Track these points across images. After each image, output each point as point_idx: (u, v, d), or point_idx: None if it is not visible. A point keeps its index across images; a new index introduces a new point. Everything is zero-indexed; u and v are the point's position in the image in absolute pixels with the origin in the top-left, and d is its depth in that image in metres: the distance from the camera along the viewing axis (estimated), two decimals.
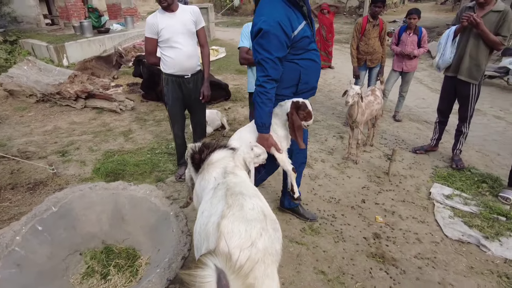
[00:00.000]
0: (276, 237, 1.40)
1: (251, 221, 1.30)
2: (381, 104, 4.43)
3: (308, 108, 2.47)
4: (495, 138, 5.26)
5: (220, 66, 9.76)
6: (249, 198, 1.45)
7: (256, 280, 1.14)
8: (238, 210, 1.36)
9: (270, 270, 1.22)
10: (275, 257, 1.32)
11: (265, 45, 2.21)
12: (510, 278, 2.58)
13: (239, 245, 1.18)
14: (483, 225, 3.16)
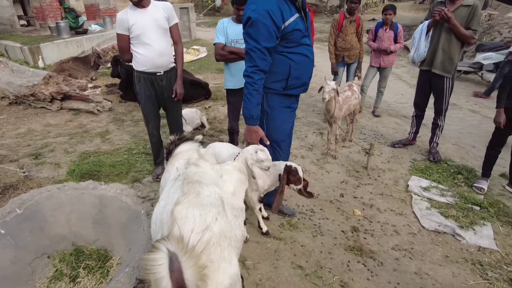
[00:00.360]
0: (237, 224, 1.40)
1: (207, 206, 1.29)
2: (359, 99, 4.46)
3: (299, 174, 2.51)
4: (470, 131, 5.38)
5: (201, 66, 9.68)
6: (206, 186, 1.43)
7: (212, 263, 1.13)
8: (193, 197, 1.34)
9: (227, 253, 1.20)
10: (234, 242, 1.30)
11: (253, 34, 2.16)
12: (484, 265, 2.62)
13: (193, 229, 1.17)
14: (458, 215, 3.21)
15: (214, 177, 1.68)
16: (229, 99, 3.81)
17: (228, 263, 1.19)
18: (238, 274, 1.25)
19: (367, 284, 2.39)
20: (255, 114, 2.34)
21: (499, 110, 3.36)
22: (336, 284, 2.37)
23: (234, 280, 1.20)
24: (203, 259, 1.09)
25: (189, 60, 10.37)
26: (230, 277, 1.18)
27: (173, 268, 1.00)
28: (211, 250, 1.15)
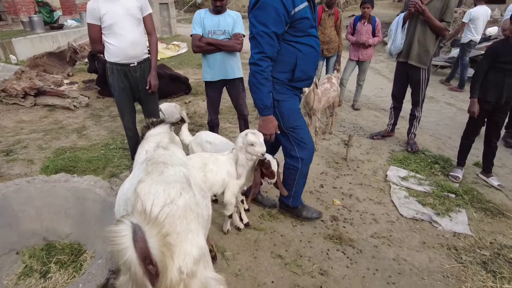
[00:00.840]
0: (204, 204, 1.40)
1: (171, 183, 1.28)
2: (338, 92, 4.49)
3: (272, 168, 2.42)
4: (446, 123, 5.51)
5: (181, 61, 9.57)
6: (171, 166, 1.42)
7: (179, 235, 1.13)
8: (157, 175, 1.33)
9: (194, 226, 1.20)
10: (201, 220, 1.29)
11: (261, 17, 2.04)
12: (458, 249, 2.68)
13: (157, 202, 1.16)
14: (435, 202, 3.27)
15: (182, 159, 1.65)
16: (207, 92, 3.76)
17: (195, 235, 1.19)
18: (206, 247, 1.24)
19: (346, 271, 2.40)
20: (269, 103, 2.22)
21: (473, 100, 3.45)
22: (315, 272, 2.37)
23: (202, 252, 1.19)
24: (167, 228, 1.07)
25: (169, 56, 10.23)
26: (198, 248, 1.17)
27: (137, 238, 0.98)
28: (176, 223, 1.15)
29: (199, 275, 1.14)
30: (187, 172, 1.44)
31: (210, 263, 1.26)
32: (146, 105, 3.53)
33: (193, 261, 1.12)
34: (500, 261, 2.55)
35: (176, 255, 1.08)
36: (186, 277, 1.09)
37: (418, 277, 2.38)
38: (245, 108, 3.89)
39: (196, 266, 1.13)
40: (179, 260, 1.09)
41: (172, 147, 1.77)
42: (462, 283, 2.36)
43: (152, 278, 1.03)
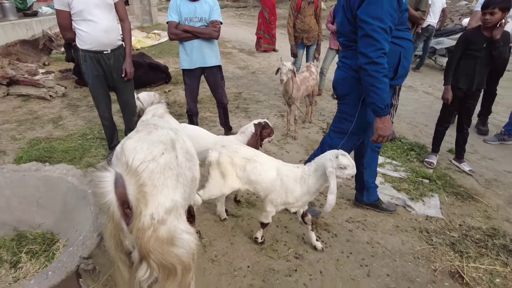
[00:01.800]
0: (188, 166, 1.55)
1: (155, 142, 1.42)
2: (317, 80, 4.52)
3: (270, 125, 2.83)
4: (424, 111, 5.63)
5: (162, 50, 9.42)
6: (161, 129, 1.57)
7: (156, 188, 1.28)
8: (145, 134, 1.49)
9: (171, 183, 1.35)
10: (182, 179, 1.44)
11: (375, 12, 1.88)
12: (429, 232, 2.77)
13: (139, 158, 1.30)
14: (409, 188, 3.36)
15: (173, 125, 1.78)
16: (185, 80, 3.72)
17: (170, 190, 1.33)
18: (181, 203, 1.39)
19: (320, 255, 2.45)
20: (389, 101, 2.10)
21: (446, 87, 3.53)
22: (290, 256, 2.41)
23: (175, 205, 1.34)
24: (144, 179, 1.23)
25: (150, 45, 10.04)
26: (171, 201, 1.32)
27: (118, 185, 1.16)
28: (155, 177, 1.29)
29: (168, 224, 1.29)
30: (175, 136, 1.58)
31: (183, 217, 1.40)
32: (122, 94, 3.46)
33: (164, 210, 1.28)
34: (467, 242, 2.65)
35: (150, 204, 1.24)
36: (157, 223, 1.25)
37: (390, 259, 2.46)
38: (224, 96, 3.87)
39: (167, 216, 1.28)
40: (152, 208, 1.24)
41: (167, 117, 1.94)
42: (431, 263, 2.44)
43: (128, 219, 1.22)
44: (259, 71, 7.78)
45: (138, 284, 1.34)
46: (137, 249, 1.28)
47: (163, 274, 1.31)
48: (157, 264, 1.28)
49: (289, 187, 2.18)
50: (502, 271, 2.39)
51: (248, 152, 2.31)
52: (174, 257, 1.30)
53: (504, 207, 3.18)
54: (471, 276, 2.34)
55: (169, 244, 1.29)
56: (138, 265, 1.32)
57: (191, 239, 1.36)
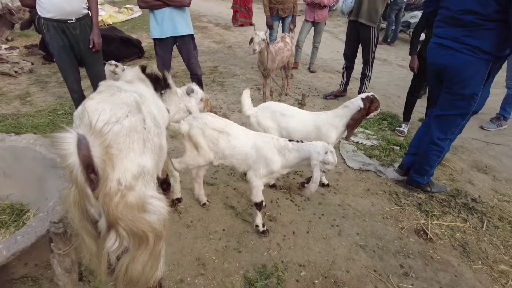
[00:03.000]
0: (156, 132, 1.47)
1: (119, 104, 1.33)
2: (292, 51, 4.51)
3: (378, 99, 2.66)
4: (397, 83, 5.75)
5: (135, 25, 9.10)
6: (125, 92, 1.45)
7: (121, 152, 1.21)
8: (107, 95, 1.38)
9: (137, 146, 1.28)
10: (150, 145, 1.37)
11: None
12: (399, 195, 2.89)
13: (102, 119, 1.21)
14: (381, 155, 3.48)
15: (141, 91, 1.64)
16: (157, 51, 3.63)
17: (137, 154, 1.26)
18: (150, 169, 1.31)
19: (294, 217, 2.53)
20: None
21: (412, 56, 3.60)
22: (265, 219, 2.47)
23: (143, 170, 1.27)
24: (109, 140, 1.14)
25: (122, 20, 9.67)
26: (138, 166, 1.25)
27: (81, 146, 1.06)
28: (120, 140, 1.21)
29: (137, 190, 1.23)
30: (140, 100, 1.48)
31: (152, 184, 1.34)
32: (91, 66, 3.32)
33: (131, 176, 1.21)
34: (433, 202, 2.80)
35: (117, 168, 1.17)
36: (124, 188, 1.18)
37: (360, 219, 2.56)
38: (198, 67, 3.81)
39: (134, 181, 1.22)
40: (119, 173, 1.17)
41: (138, 84, 1.79)
42: (399, 223, 2.57)
43: (93, 185, 1.13)
44: (235, 45, 7.67)
45: (106, 256, 1.27)
46: (104, 216, 1.20)
47: (134, 243, 1.25)
48: (127, 232, 1.21)
49: (269, 157, 2.16)
50: (462, 227, 2.55)
51: (220, 123, 2.24)
52: (146, 224, 1.24)
53: (467, 170, 3.35)
54: (434, 232, 2.48)
55: (139, 210, 1.23)
56: (105, 235, 1.23)
57: (162, 205, 1.31)
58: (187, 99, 2.48)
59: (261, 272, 2.02)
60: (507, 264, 2.26)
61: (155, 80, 2.02)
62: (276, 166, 2.17)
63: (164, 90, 2.10)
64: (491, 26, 2.17)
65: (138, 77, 1.89)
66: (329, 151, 2.09)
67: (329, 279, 2.03)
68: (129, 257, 1.26)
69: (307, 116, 2.67)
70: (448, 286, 2.06)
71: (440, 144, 2.67)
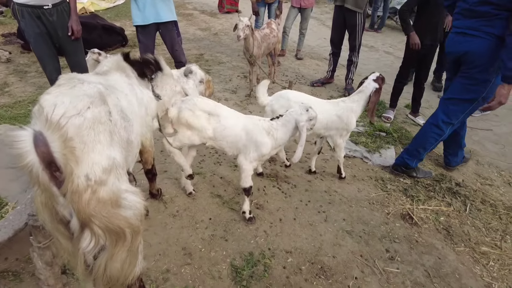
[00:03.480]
0: (124, 126, 1.39)
1: (79, 96, 1.24)
2: (278, 38, 4.44)
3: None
4: (384, 69, 5.75)
5: (118, 13, 8.86)
6: (88, 83, 1.35)
7: (86, 145, 1.13)
8: (67, 88, 1.28)
9: (104, 138, 1.20)
10: (117, 138, 1.29)
11: None
12: (384, 180, 2.91)
13: (61, 113, 1.13)
14: (367, 141, 3.49)
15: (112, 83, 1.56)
16: (139, 38, 3.54)
17: (105, 146, 1.19)
18: (120, 162, 1.24)
19: (280, 204, 2.52)
20: None
21: (411, 34, 3.56)
22: (252, 207, 2.46)
23: (114, 163, 1.20)
24: (69, 133, 1.08)
25: (104, 8, 9.40)
26: (108, 159, 1.17)
27: (38, 143, 0.97)
28: (83, 133, 1.14)
29: (110, 184, 1.17)
30: (106, 91, 1.39)
31: (125, 177, 1.27)
32: (70, 55, 3.20)
33: (101, 170, 1.14)
34: (418, 187, 2.83)
35: (83, 163, 1.11)
36: (94, 184, 1.12)
37: (346, 205, 2.58)
38: (182, 54, 3.73)
39: (106, 175, 1.15)
40: (87, 168, 1.11)
41: (113, 74, 1.68)
42: (385, 208, 2.59)
43: (59, 183, 1.05)
44: (221, 32, 7.54)
45: (82, 256, 1.21)
46: (76, 215, 1.14)
47: (111, 240, 1.20)
48: (103, 229, 1.16)
49: (259, 140, 2.14)
50: (446, 211, 2.59)
51: (210, 105, 2.19)
52: (122, 220, 1.19)
53: None
54: (419, 216, 2.51)
55: (114, 205, 1.18)
56: (79, 235, 1.17)
57: (137, 200, 1.26)
58: (185, 81, 2.36)
59: (248, 260, 2.01)
60: (488, 245, 2.31)
61: (144, 64, 1.91)
62: (266, 149, 2.15)
63: (154, 74, 1.97)
64: (506, 15, 2.26)
65: (116, 67, 1.78)
66: (308, 107, 2.12)
67: (315, 265, 2.04)
68: (107, 255, 1.21)
69: (326, 105, 2.64)
70: (432, 268, 2.10)
71: (442, 127, 2.73)
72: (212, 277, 1.91)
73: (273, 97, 2.69)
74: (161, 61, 2.02)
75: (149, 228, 2.20)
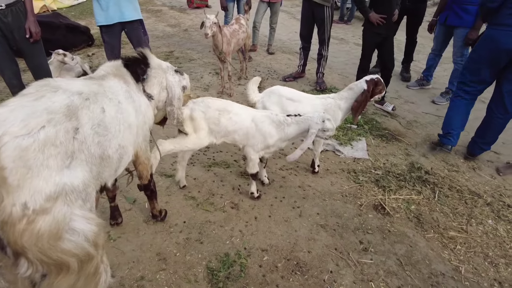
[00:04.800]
0: (97, 141, 1.31)
1: (37, 111, 1.15)
2: (247, 33, 4.42)
3: (382, 82, 2.69)
4: (354, 62, 5.81)
5: (83, 11, 8.55)
6: (63, 92, 1.27)
7: (30, 170, 1.05)
8: (30, 99, 1.19)
9: (54, 162, 1.11)
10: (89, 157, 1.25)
11: None
12: (357, 172, 2.97)
13: (8, 131, 1.06)
14: (338, 134, 3.53)
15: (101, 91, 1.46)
16: (104, 38, 3.42)
17: (54, 172, 1.10)
18: (74, 187, 1.16)
19: (255, 202, 2.52)
20: None
21: (371, 15, 3.66)
22: (227, 207, 2.45)
23: (62, 189, 1.11)
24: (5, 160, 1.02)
25: (68, 5, 9.05)
26: (55, 185, 1.09)
27: None
28: (30, 156, 1.06)
29: (54, 212, 1.08)
30: (80, 103, 1.30)
31: (80, 202, 1.18)
32: (30, 58, 3.05)
33: (44, 197, 1.06)
34: (389, 178, 2.90)
35: (23, 189, 1.03)
36: (32, 213, 1.04)
37: (320, 199, 2.61)
38: None
39: (50, 203, 1.07)
40: (26, 195, 1.03)
41: (108, 80, 1.59)
42: (358, 200, 2.64)
43: None
44: (191, 28, 7.42)
45: (21, 281, 1.16)
46: (7, 244, 1.07)
47: (50, 269, 1.13)
48: (38, 260, 1.09)
49: (266, 132, 2.29)
50: (417, 199, 2.67)
51: (220, 104, 2.32)
52: (60, 252, 1.10)
53: (421, 144, 3.50)
54: (391, 206, 2.58)
55: (53, 238, 1.09)
56: (16, 262, 1.11)
57: (88, 228, 1.17)
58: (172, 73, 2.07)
59: (224, 261, 2.01)
60: (455, 230, 2.40)
61: (136, 65, 1.79)
62: (272, 140, 2.30)
63: (146, 74, 1.83)
64: None
65: (115, 72, 1.69)
66: (326, 119, 2.21)
67: (291, 261, 2.06)
68: (48, 283, 1.14)
69: (315, 100, 2.72)
70: (404, 256, 2.16)
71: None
72: (188, 281, 1.89)
73: (264, 94, 2.76)
74: (148, 55, 1.88)
75: (121, 235, 2.15)
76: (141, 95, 1.77)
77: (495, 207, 2.64)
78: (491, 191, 2.83)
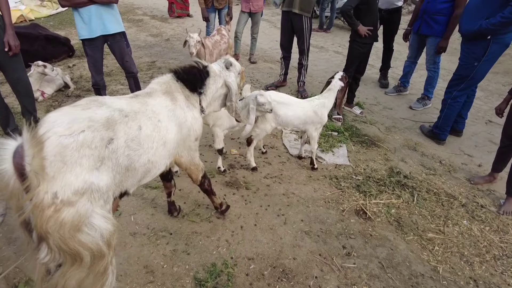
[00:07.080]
0: (127, 154, 1.45)
1: (81, 118, 1.32)
2: (229, 43, 4.49)
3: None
4: (335, 69, 5.95)
5: (62, 21, 8.45)
6: (106, 108, 1.44)
7: (65, 165, 1.20)
8: (78, 109, 1.38)
9: (87, 163, 1.26)
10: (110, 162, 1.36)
11: None
12: (338, 178, 3.06)
13: (55, 131, 1.22)
14: (320, 141, 3.62)
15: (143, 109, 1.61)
16: (87, 51, 3.41)
17: (85, 170, 1.24)
18: (100, 188, 1.29)
19: (241, 211, 2.57)
20: None
21: (359, 28, 3.71)
22: (213, 218, 2.49)
23: (90, 188, 1.24)
24: (49, 152, 1.16)
25: (46, 15, 8.92)
26: (84, 182, 1.22)
27: (16, 154, 1.11)
28: (67, 153, 1.21)
29: (78, 206, 1.21)
30: (120, 119, 1.45)
31: (101, 202, 1.30)
32: (9, 71, 3.03)
33: (73, 191, 1.19)
34: (370, 183, 3.00)
35: (56, 181, 1.16)
36: (60, 203, 1.16)
37: (304, 206, 2.68)
38: (132, 65, 3.66)
39: (76, 197, 1.20)
40: (58, 186, 1.16)
41: (156, 99, 1.72)
42: (340, 205, 2.73)
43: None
44: (173, 37, 7.44)
45: (39, 266, 1.26)
46: (34, 227, 1.19)
47: (66, 259, 1.24)
48: (57, 247, 1.20)
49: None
50: (397, 203, 2.77)
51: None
52: (78, 243, 1.21)
53: (400, 149, 3.63)
54: (372, 211, 2.67)
55: (73, 229, 1.20)
56: (38, 246, 1.22)
57: (105, 226, 1.28)
58: (227, 74, 2.15)
59: (211, 272, 2.04)
60: (433, 231, 2.51)
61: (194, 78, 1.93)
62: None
63: (203, 86, 1.97)
64: None
65: (164, 89, 1.81)
66: (258, 95, 2.66)
67: (277, 268, 2.11)
68: (62, 272, 1.25)
69: (303, 103, 3.04)
70: (385, 259, 2.25)
71: None
72: None
73: None
74: (206, 64, 2.01)
75: None
76: (189, 109, 1.87)
77: (470, 208, 2.77)
78: (466, 193, 2.97)
